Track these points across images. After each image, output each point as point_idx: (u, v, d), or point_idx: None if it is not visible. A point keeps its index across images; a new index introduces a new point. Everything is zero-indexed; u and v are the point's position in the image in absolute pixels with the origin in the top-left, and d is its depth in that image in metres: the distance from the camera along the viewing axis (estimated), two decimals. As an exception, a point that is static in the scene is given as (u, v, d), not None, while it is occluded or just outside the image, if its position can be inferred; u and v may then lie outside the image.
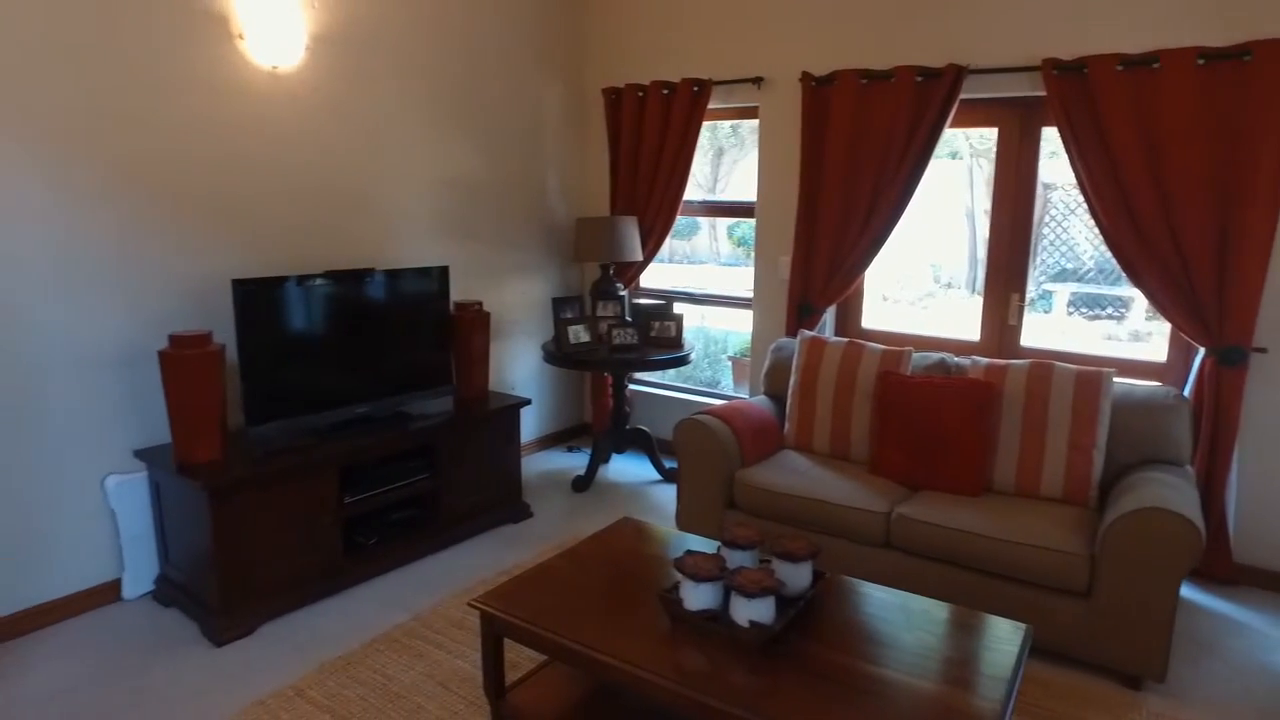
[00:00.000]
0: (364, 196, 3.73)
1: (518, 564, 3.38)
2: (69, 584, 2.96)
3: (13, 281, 2.70)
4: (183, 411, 2.80)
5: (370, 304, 3.36)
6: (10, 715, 2.43)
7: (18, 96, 2.66)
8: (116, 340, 2.97)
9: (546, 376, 4.87)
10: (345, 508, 3.15)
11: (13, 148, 2.66)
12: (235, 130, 3.22)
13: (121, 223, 2.94)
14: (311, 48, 3.44)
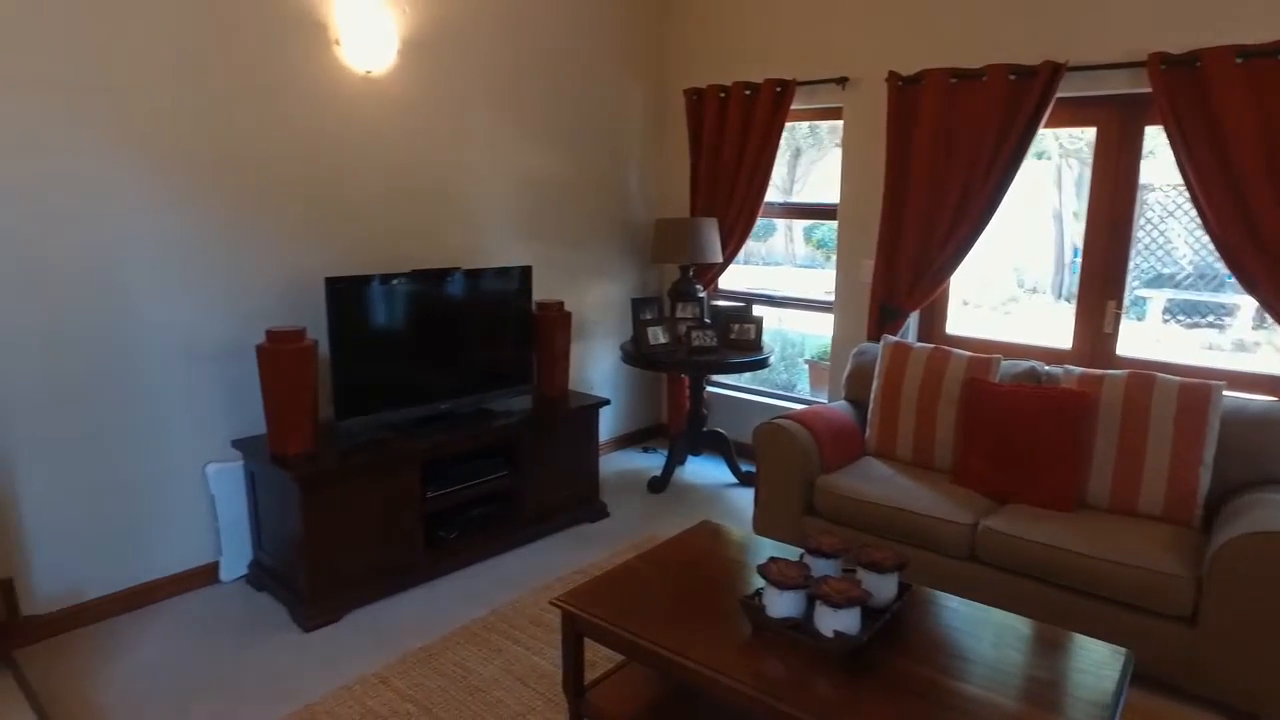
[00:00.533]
0: (449, 197, 3.81)
1: (594, 563, 3.40)
2: (172, 565, 3.11)
3: (128, 278, 2.85)
4: (277, 404, 2.91)
5: (455, 302, 3.43)
6: (124, 685, 2.56)
7: (138, 104, 2.80)
8: (218, 334, 3.10)
9: (623, 377, 4.89)
10: (427, 502, 3.22)
11: (132, 152, 2.81)
12: (330, 133, 3.33)
13: (224, 222, 3.07)
14: (403, 52, 3.53)
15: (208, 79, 2.96)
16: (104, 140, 2.75)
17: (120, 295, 2.85)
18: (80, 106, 2.69)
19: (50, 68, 2.62)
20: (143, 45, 2.80)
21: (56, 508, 2.79)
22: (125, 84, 2.77)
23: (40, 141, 2.62)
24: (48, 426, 2.74)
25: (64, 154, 2.68)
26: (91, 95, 2.71)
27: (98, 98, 2.72)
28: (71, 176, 2.70)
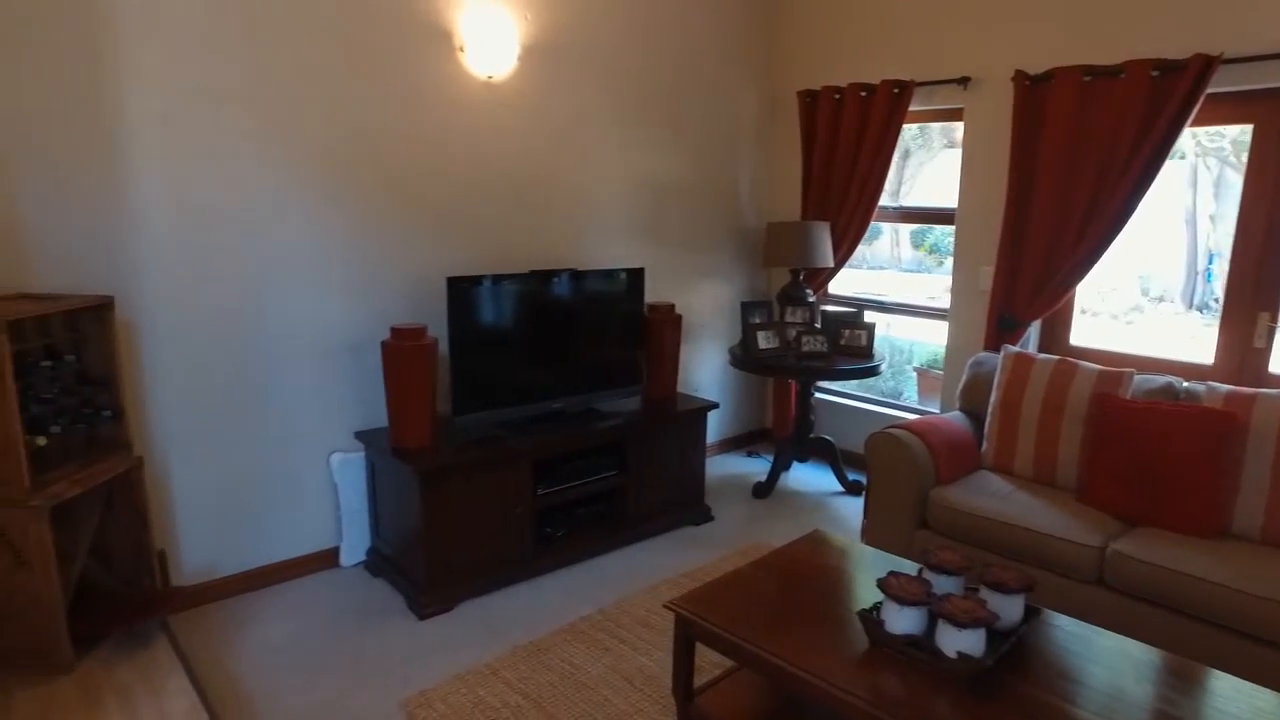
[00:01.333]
0: (564, 198, 3.87)
1: (700, 567, 3.40)
2: (297, 548, 3.27)
3: (271, 276, 3.02)
4: (399, 398, 3.02)
5: (569, 303, 3.49)
6: (256, 657, 2.72)
7: (286, 113, 2.96)
8: (346, 330, 3.25)
9: (729, 380, 4.87)
10: (538, 499, 3.29)
11: (279, 157, 2.97)
12: (453, 138, 3.44)
13: (355, 224, 3.22)
14: (522, 57, 3.61)
15: (344, 88, 3.11)
16: (257, 147, 2.93)
17: (263, 291, 3.02)
18: (236, 115, 2.86)
19: (220, 82, 2.80)
20: (290, 57, 2.96)
21: (200, 488, 2.98)
22: (274, 94, 2.94)
23: (207, 144, 2.81)
24: (197, 411, 2.93)
25: (228, 159, 2.86)
26: (244, 103, 2.88)
27: (253, 108, 2.89)
28: (232, 179, 2.88)
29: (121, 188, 2.68)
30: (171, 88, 2.73)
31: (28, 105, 2.49)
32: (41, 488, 2.26)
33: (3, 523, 2.22)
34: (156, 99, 2.70)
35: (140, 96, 2.67)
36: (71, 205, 2.60)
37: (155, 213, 2.76)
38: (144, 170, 2.72)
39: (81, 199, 2.62)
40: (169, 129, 2.74)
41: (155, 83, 2.69)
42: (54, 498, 2.26)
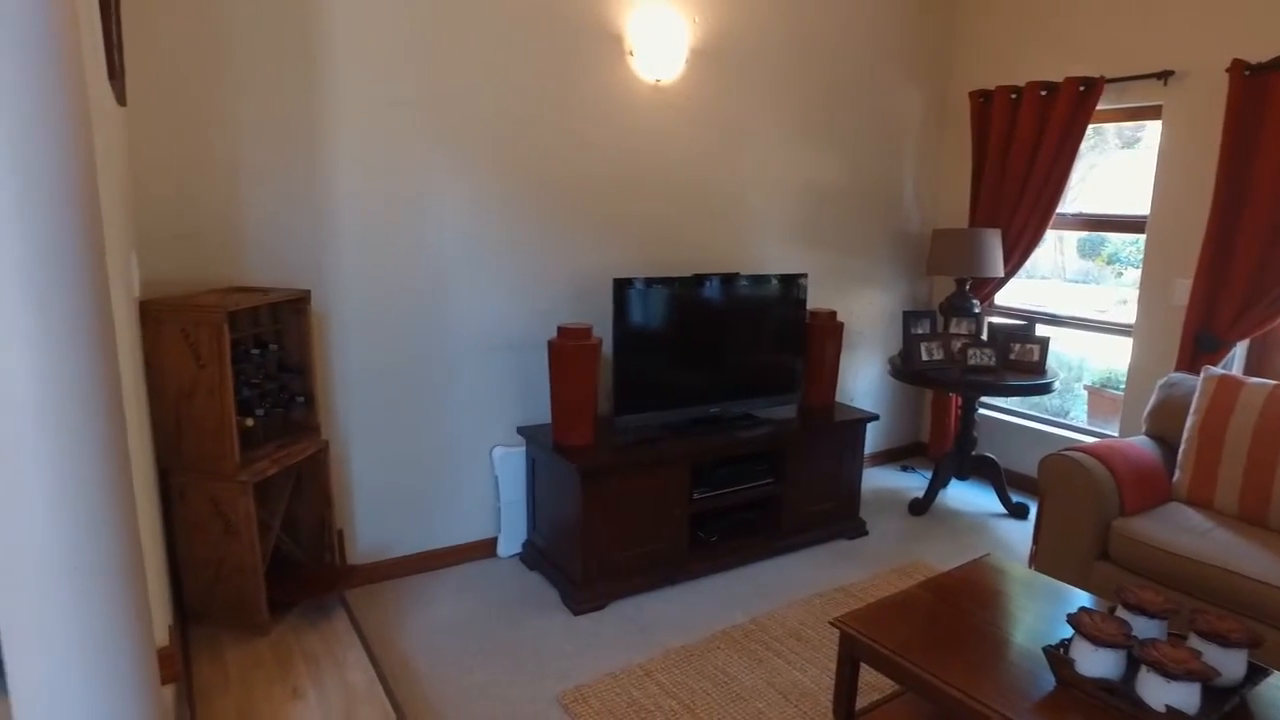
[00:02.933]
0: (726, 202, 3.85)
1: (855, 583, 3.30)
2: (458, 536, 3.41)
3: (443, 271, 3.17)
4: (563, 396, 3.09)
5: (731, 307, 3.47)
6: (419, 637, 2.85)
7: (461, 116, 3.10)
8: (512, 327, 3.36)
9: (885, 390, 4.71)
10: (694, 503, 3.28)
11: (454, 158, 3.11)
12: (619, 141, 3.49)
13: (523, 223, 3.32)
14: (690, 61, 3.61)
15: (518, 93, 3.21)
16: (436, 151, 3.07)
17: (437, 289, 3.17)
18: (419, 121, 3.02)
19: (401, 89, 2.96)
20: (469, 64, 3.08)
21: (375, 472, 3.16)
22: (453, 99, 3.08)
23: (394, 149, 2.98)
24: (375, 401, 3.11)
25: (410, 163, 3.02)
26: (427, 110, 3.03)
27: (431, 112, 3.04)
28: (412, 182, 3.04)
29: (320, 190, 2.88)
30: (365, 98, 2.90)
31: (249, 116, 2.71)
32: (247, 464, 2.45)
33: (217, 494, 2.43)
34: (352, 109, 2.88)
35: (339, 106, 2.86)
36: (279, 205, 2.81)
37: (346, 214, 2.94)
38: (339, 174, 2.90)
39: (288, 199, 2.82)
40: (361, 136, 2.92)
41: (352, 94, 2.87)
42: (257, 474, 2.45)
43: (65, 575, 1.49)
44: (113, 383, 1.53)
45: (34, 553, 1.47)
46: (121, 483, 1.57)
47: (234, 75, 2.68)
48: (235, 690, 2.30)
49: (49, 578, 1.48)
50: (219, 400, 2.36)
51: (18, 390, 1.40)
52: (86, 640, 1.53)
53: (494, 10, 3.10)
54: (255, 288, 2.73)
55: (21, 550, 1.48)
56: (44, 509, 1.45)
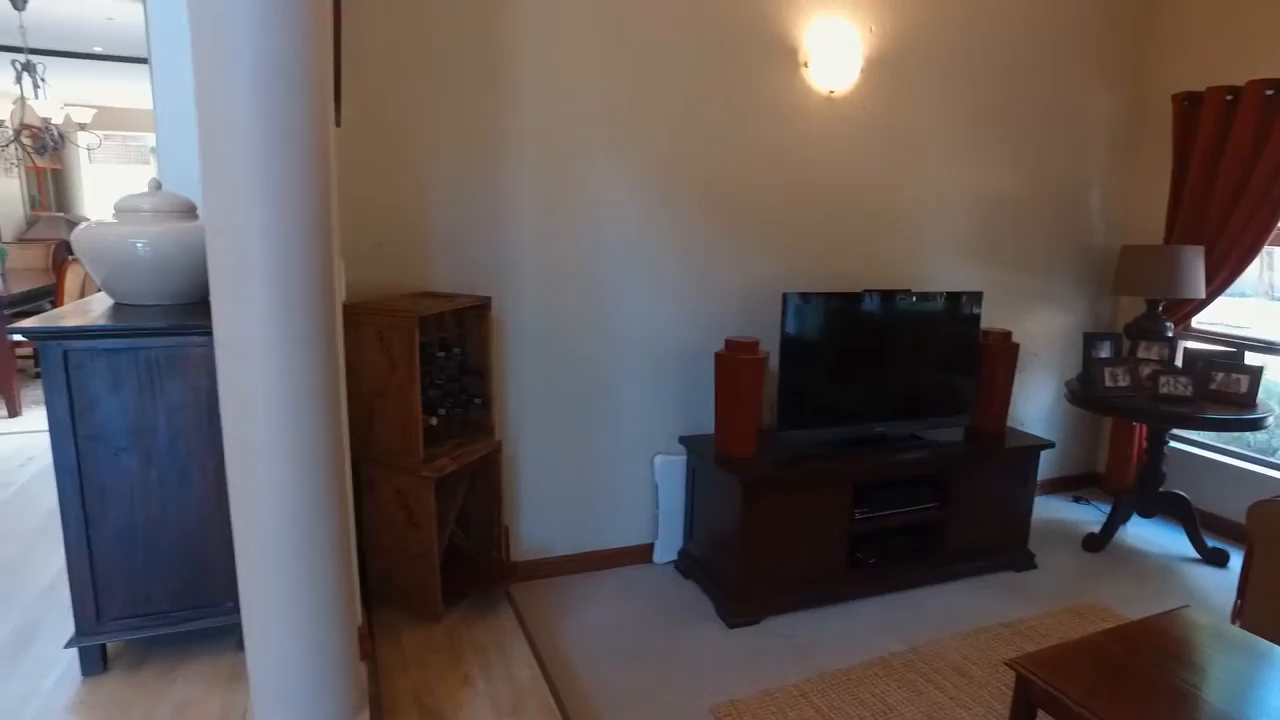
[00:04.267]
0: (896, 214, 3.74)
1: (1024, 619, 3.12)
2: (616, 539, 3.48)
3: (614, 279, 3.24)
4: (728, 408, 3.09)
5: (901, 324, 3.37)
6: (578, 636, 2.93)
7: (640, 130, 3.16)
8: (677, 337, 3.39)
9: (1057, 415, 4.42)
10: (855, 522, 3.20)
11: (630, 170, 3.18)
12: (790, 152, 3.46)
13: (693, 234, 3.35)
14: (865, 70, 3.53)
15: (691, 105, 3.24)
16: (611, 161, 3.15)
17: (606, 298, 3.25)
18: (598, 134, 3.10)
19: (581, 106, 3.06)
20: (649, 76, 3.15)
21: (540, 473, 3.28)
22: (628, 110, 3.15)
23: (573, 163, 3.08)
24: (544, 404, 3.22)
25: (584, 175, 3.12)
26: (605, 124, 3.11)
27: (610, 126, 3.12)
28: (585, 194, 3.13)
29: (502, 201, 3.01)
30: (547, 114, 3.02)
31: (440, 132, 2.88)
32: (430, 460, 2.60)
33: (402, 486, 2.59)
34: (535, 124, 3.01)
35: (523, 123, 2.99)
36: (464, 215, 2.97)
37: (526, 224, 3.07)
38: (521, 187, 3.03)
39: (472, 210, 2.98)
40: (542, 150, 3.04)
41: (535, 111, 3.00)
42: (439, 471, 2.59)
43: (296, 556, 1.63)
44: (336, 383, 1.67)
45: (271, 534, 1.63)
46: (340, 473, 1.71)
47: (426, 95, 2.85)
48: (412, 672, 2.44)
49: (284, 557, 1.63)
50: (408, 398, 2.52)
51: (259, 389, 1.56)
52: (311, 614, 1.67)
53: (677, 27, 3.15)
54: (441, 293, 2.89)
55: (261, 532, 1.64)
56: (279, 495, 1.60)
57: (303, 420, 1.51)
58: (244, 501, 1.58)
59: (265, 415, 1.49)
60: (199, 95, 1.42)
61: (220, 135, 1.41)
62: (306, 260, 1.47)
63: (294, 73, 1.37)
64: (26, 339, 1.90)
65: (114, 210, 2.33)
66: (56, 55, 7.27)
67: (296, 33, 1.39)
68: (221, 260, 1.49)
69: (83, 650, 2.10)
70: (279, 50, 1.36)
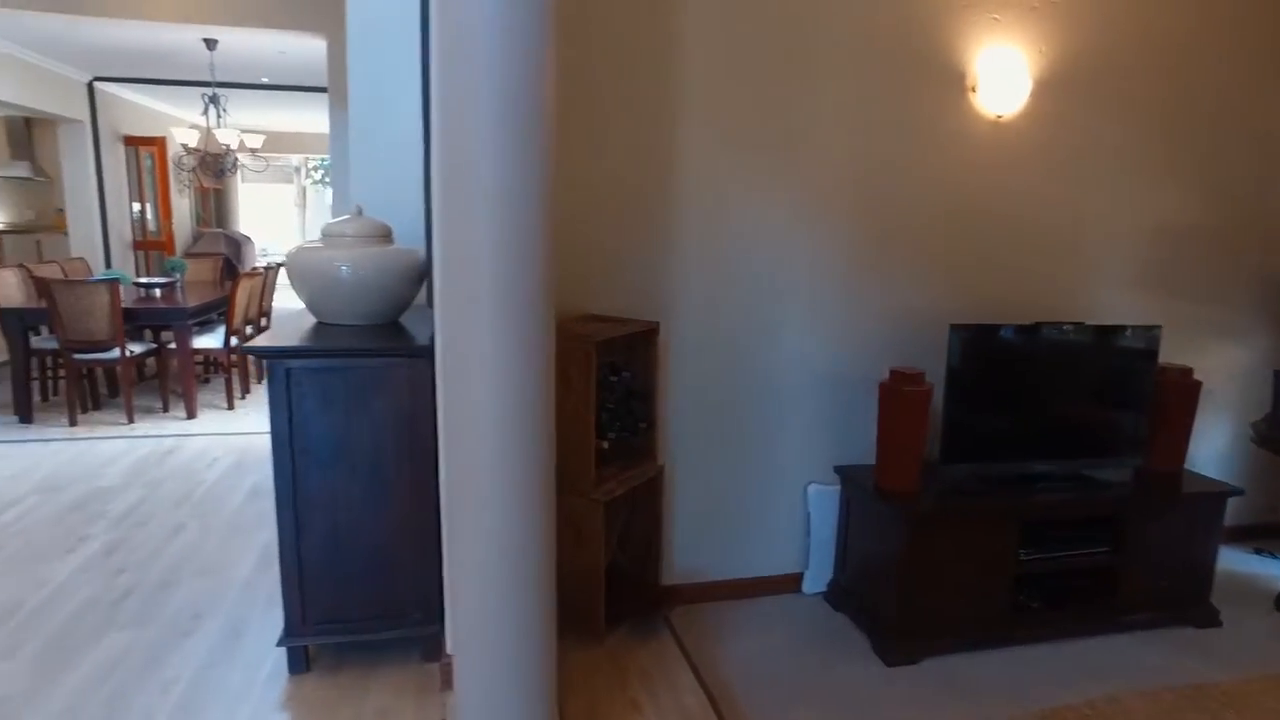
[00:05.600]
0: (1065, 242, 3.58)
1: (1214, 683, 2.90)
2: (766, 567, 3.45)
3: (772, 305, 3.23)
4: (890, 440, 3.02)
5: (1073, 358, 3.22)
6: (734, 666, 2.90)
7: (808, 156, 3.15)
8: (832, 365, 3.35)
9: (1238, 458, 4.11)
10: (1020, 563, 3.07)
11: (785, 197, 3.17)
12: (954, 179, 3.37)
13: (849, 261, 3.30)
14: (1034, 93, 3.40)
15: (855, 132, 3.20)
16: (776, 187, 3.15)
17: (765, 324, 3.24)
18: (763, 160, 3.12)
19: (749, 132, 3.08)
20: (816, 102, 3.13)
21: (694, 498, 3.28)
22: (797, 138, 3.14)
23: (739, 188, 3.11)
24: (702, 427, 3.24)
25: (748, 201, 3.13)
26: (772, 150, 3.12)
27: (776, 152, 3.12)
28: (748, 220, 3.15)
29: (669, 226, 3.06)
30: (714, 140, 3.05)
31: (610, 157, 2.96)
32: (600, 483, 2.66)
33: (573, 508, 2.65)
34: (698, 149, 3.04)
35: (687, 148, 3.03)
36: (631, 239, 3.03)
37: (691, 249, 3.10)
38: (687, 211, 3.07)
39: (637, 233, 3.03)
40: (709, 176, 3.06)
41: (703, 136, 3.03)
42: (608, 494, 2.64)
43: (508, 574, 1.69)
44: (548, 402, 1.72)
45: (486, 551, 1.70)
46: (551, 493, 1.77)
47: (598, 121, 2.92)
48: (582, 693, 2.48)
49: (497, 575, 1.70)
50: (584, 421, 2.58)
51: (480, 405, 1.62)
52: (521, 630, 1.73)
53: (843, 57, 3.13)
54: (608, 317, 2.95)
55: (480, 542, 1.71)
56: (497, 511, 1.67)
57: (523, 442, 1.57)
58: (461, 518, 1.65)
59: (481, 428, 1.55)
60: (441, 123, 1.50)
61: (459, 160, 1.48)
62: (534, 284, 1.53)
63: (532, 101, 1.44)
64: (257, 356, 2.05)
65: (320, 235, 2.50)
66: (229, 86, 7.89)
67: (534, 64, 1.45)
68: (452, 282, 1.56)
69: (290, 650, 2.24)
70: (518, 79, 1.42)
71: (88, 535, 3.55)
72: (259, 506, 3.91)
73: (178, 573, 3.16)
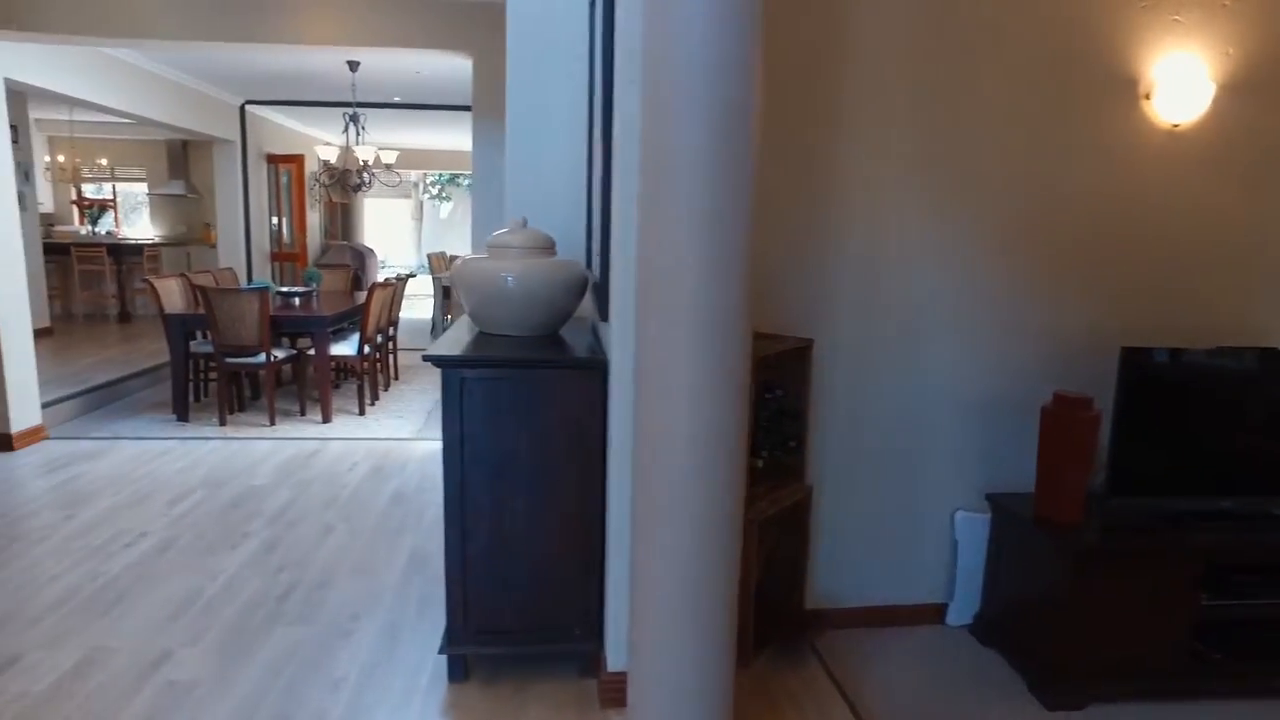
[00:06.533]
0: (1250, 260, 3.32)
1: None
2: (907, 596, 3.31)
3: (922, 331, 3.12)
4: (1052, 468, 2.86)
5: (1259, 386, 2.97)
6: (881, 701, 2.78)
7: (953, 169, 3.04)
8: (984, 388, 3.20)
9: None
10: (1201, 609, 2.84)
11: (944, 212, 3.06)
12: (1121, 191, 3.17)
13: (1008, 278, 3.15)
14: (1217, 98, 3.17)
15: (1018, 146, 3.06)
16: (932, 203, 3.05)
17: (916, 344, 3.12)
18: (920, 177, 3.02)
19: (905, 149, 3.00)
20: (969, 118, 3.02)
21: (837, 520, 3.19)
22: (955, 153, 3.03)
23: (893, 205, 3.02)
24: (848, 448, 3.15)
25: (907, 215, 3.04)
26: (929, 166, 3.02)
27: (933, 168, 3.02)
28: (907, 233, 3.05)
29: (822, 242, 3.00)
30: (869, 155, 2.97)
31: (770, 172, 2.91)
32: (751, 502, 2.60)
33: (725, 528, 2.61)
34: (856, 164, 2.97)
35: (844, 162, 2.96)
36: (786, 254, 2.98)
37: (843, 267, 3.03)
38: (840, 228, 3.00)
39: (794, 249, 2.98)
40: (861, 192, 2.99)
41: (859, 155, 2.96)
42: (760, 514, 2.59)
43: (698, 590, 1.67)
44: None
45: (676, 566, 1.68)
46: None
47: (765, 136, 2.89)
48: (736, 716, 2.43)
49: (686, 591, 1.68)
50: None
51: (679, 428, 1.61)
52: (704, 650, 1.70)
53: (1002, 73, 3.01)
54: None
55: (666, 563, 1.69)
56: (686, 532, 1.65)
57: (718, 463, 1.55)
58: (646, 537, 1.63)
59: (678, 452, 1.53)
60: (646, 135, 1.49)
61: (663, 177, 1.47)
62: (735, 302, 1.50)
63: (742, 118, 1.41)
64: (436, 365, 2.10)
65: (486, 246, 2.56)
66: (369, 106, 8.29)
67: (745, 80, 1.43)
68: (649, 298, 1.55)
69: (451, 657, 2.28)
70: (731, 86, 1.40)
71: (249, 532, 3.75)
72: (401, 511, 4.04)
73: (333, 573, 3.29)
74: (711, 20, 1.38)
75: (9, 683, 2.50)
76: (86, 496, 4.23)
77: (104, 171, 11.98)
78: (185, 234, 12.02)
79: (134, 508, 4.06)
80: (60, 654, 2.68)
